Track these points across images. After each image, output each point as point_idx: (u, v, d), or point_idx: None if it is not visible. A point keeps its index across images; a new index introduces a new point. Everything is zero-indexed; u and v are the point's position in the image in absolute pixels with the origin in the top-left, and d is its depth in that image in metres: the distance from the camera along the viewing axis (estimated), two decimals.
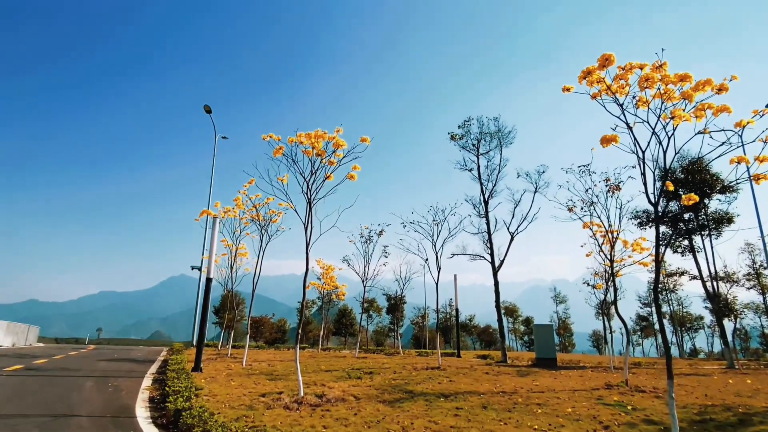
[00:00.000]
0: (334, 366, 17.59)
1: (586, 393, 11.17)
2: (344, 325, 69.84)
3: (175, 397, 8.51)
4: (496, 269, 26.73)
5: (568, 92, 7.61)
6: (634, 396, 10.77)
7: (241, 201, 18.86)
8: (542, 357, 20.67)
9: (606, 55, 6.64)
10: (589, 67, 6.85)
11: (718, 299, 28.71)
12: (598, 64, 6.79)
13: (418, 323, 76.73)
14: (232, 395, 10.02)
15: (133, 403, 9.31)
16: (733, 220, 27.60)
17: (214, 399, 9.52)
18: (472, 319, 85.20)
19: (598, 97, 7.41)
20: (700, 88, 6.54)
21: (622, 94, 7.17)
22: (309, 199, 10.26)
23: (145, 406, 9.09)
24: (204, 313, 14.73)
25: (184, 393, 8.89)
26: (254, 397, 9.71)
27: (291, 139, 10.86)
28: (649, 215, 27.87)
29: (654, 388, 11.99)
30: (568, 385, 12.52)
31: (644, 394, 11.12)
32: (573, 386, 12.37)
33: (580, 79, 7.27)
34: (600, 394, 10.95)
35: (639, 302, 75.24)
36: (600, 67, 6.80)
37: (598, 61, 6.76)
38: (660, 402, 10.00)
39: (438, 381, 13.07)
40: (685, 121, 6.28)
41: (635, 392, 11.33)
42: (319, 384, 11.89)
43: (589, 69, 6.84)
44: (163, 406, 8.73)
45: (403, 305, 70.76)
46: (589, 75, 6.92)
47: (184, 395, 8.67)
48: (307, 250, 9.65)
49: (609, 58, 6.65)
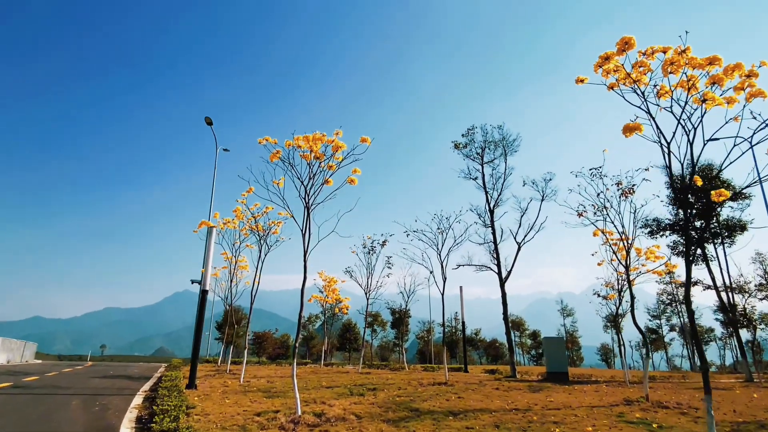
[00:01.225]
0: (336, 382, 16.83)
1: (605, 410, 10.41)
2: (348, 340, 68.75)
3: (162, 416, 7.86)
4: (504, 280, 25.98)
5: (582, 83, 7.09)
6: (658, 413, 10.00)
7: (241, 211, 18.37)
8: (553, 371, 19.81)
9: (626, 38, 6.11)
10: (608, 52, 6.31)
11: (733, 309, 27.76)
12: (617, 48, 6.25)
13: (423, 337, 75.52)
14: (225, 414, 9.33)
15: (118, 423, 8.64)
16: (746, 227, 26.84)
17: (206, 419, 8.85)
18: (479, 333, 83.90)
19: (615, 87, 6.88)
20: (729, 73, 5.99)
21: (642, 83, 6.64)
22: (307, 204, 9.70)
23: (131, 427, 8.42)
24: (199, 327, 14.08)
25: (173, 412, 8.23)
26: (248, 417, 9.03)
27: (288, 142, 10.35)
28: (659, 224, 27.13)
29: (677, 403, 11.20)
30: (585, 401, 11.75)
31: (668, 410, 10.34)
32: (590, 402, 11.60)
33: (596, 67, 6.74)
34: (620, 411, 10.19)
35: (648, 314, 73.90)
36: (619, 52, 6.26)
37: (617, 45, 6.22)
38: (686, 419, 9.24)
39: (446, 397, 12.32)
40: (718, 105, 5.70)
41: (658, 408, 10.56)
42: (319, 401, 11.17)
43: (607, 54, 6.30)
44: (150, 426, 8.08)
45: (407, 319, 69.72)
46: (606, 61, 6.38)
47: (171, 415, 8.02)
48: (305, 258, 9.06)
49: (629, 41, 6.11)
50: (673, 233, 27.75)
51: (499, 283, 26.13)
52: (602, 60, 6.40)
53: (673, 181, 6.23)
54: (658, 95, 6.58)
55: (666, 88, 6.51)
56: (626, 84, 6.75)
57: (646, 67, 6.46)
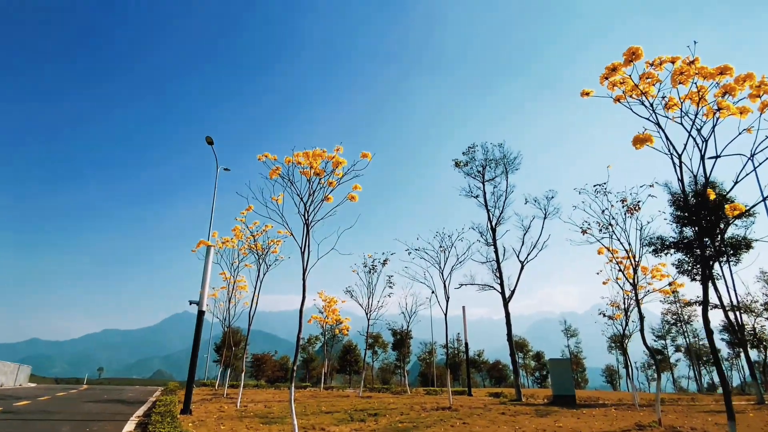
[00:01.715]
0: (336, 407, 16.29)
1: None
2: (349, 362, 67.59)
3: None
4: (507, 300, 25.54)
5: (587, 97, 6.93)
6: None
7: (240, 230, 18.13)
8: (560, 394, 19.22)
9: (633, 48, 5.96)
10: (614, 63, 6.16)
11: (742, 329, 27.19)
12: (624, 59, 6.09)
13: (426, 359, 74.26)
14: None
15: None
16: (751, 245, 26.47)
17: None
18: (481, 355, 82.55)
19: (622, 99, 6.71)
20: (740, 83, 5.82)
21: (650, 95, 6.47)
22: (306, 221, 9.46)
23: None
24: (195, 349, 13.67)
25: None
26: None
27: (288, 159, 10.18)
28: (664, 242, 26.80)
29: (692, 428, 10.74)
30: (595, 426, 11.27)
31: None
32: (600, 427, 11.12)
33: (601, 79, 6.58)
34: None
35: (653, 334, 72.81)
36: (626, 63, 6.11)
37: (624, 56, 6.07)
38: None
39: (450, 423, 11.83)
40: (732, 115, 5.51)
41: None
42: (318, 428, 10.71)
43: (614, 65, 6.14)
44: None
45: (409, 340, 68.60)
46: (613, 72, 6.22)
47: None
48: (303, 276, 8.77)
49: (636, 52, 5.96)
50: (678, 251, 27.39)
51: (503, 303, 25.67)
52: (609, 71, 6.24)
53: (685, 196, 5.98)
54: (666, 107, 6.41)
55: (674, 100, 6.35)
56: (634, 96, 6.58)
57: (654, 78, 6.31)
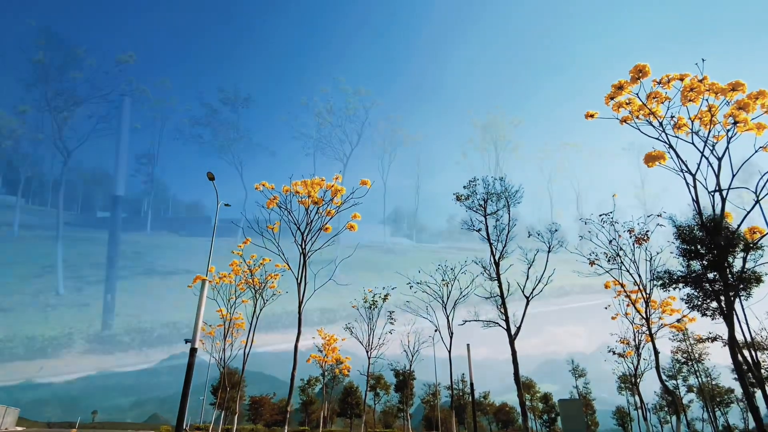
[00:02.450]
0: None
1: None
2: (350, 405, 65.17)
3: None
4: (513, 337, 24.67)
5: (591, 119, 6.73)
6: None
7: (237, 265, 17.74)
8: None
9: (639, 66, 5.78)
10: (621, 81, 5.95)
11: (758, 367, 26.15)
12: (630, 77, 5.89)
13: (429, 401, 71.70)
14: None
15: None
16: (761, 279, 25.86)
17: None
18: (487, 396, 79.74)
19: (629, 120, 6.49)
20: (753, 100, 5.61)
21: (658, 115, 6.26)
22: (303, 250, 9.11)
23: None
24: (185, 390, 12.98)
25: None
26: None
27: (286, 188, 9.95)
28: (671, 276, 26.23)
29: None
30: None
31: None
32: None
33: (607, 99, 6.35)
34: None
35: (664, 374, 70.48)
36: (633, 81, 5.91)
37: (631, 73, 5.86)
38: None
39: None
40: (749, 131, 5.25)
41: None
42: None
43: (620, 83, 5.95)
44: None
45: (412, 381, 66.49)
46: (619, 91, 6.02)
47: None
48: (299, 308, 8.33)
49: (643, 69, 5.77)
50: (687, 286, 26.77)
51: (509, 341, 24.78)
52: (615, 90, 6.04)
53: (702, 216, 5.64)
54: (675, 127, 6.18)
55: (684, 120, 6.13)
56: (641, 116, 6.37)
57: (661, 97, 6.11)
